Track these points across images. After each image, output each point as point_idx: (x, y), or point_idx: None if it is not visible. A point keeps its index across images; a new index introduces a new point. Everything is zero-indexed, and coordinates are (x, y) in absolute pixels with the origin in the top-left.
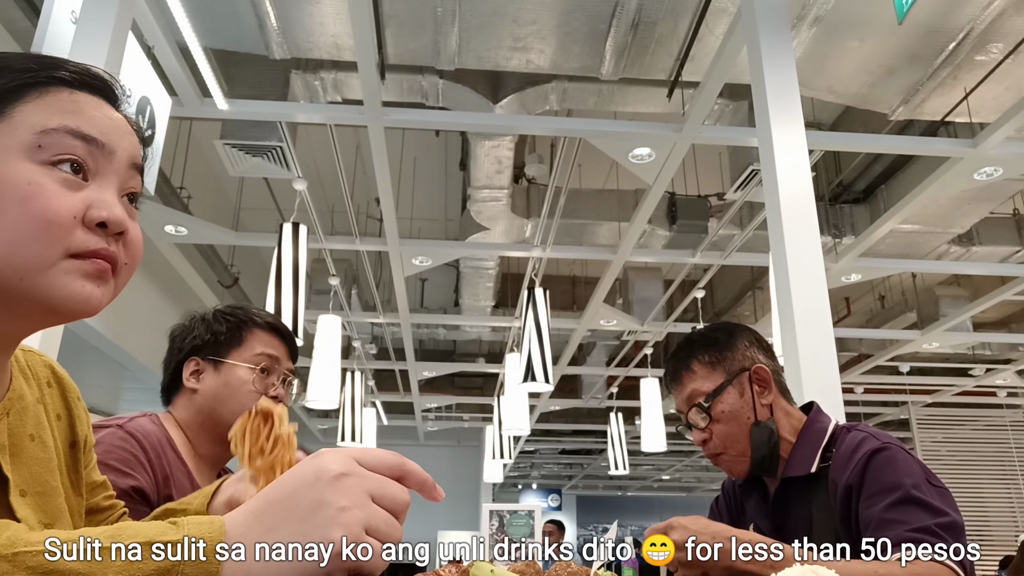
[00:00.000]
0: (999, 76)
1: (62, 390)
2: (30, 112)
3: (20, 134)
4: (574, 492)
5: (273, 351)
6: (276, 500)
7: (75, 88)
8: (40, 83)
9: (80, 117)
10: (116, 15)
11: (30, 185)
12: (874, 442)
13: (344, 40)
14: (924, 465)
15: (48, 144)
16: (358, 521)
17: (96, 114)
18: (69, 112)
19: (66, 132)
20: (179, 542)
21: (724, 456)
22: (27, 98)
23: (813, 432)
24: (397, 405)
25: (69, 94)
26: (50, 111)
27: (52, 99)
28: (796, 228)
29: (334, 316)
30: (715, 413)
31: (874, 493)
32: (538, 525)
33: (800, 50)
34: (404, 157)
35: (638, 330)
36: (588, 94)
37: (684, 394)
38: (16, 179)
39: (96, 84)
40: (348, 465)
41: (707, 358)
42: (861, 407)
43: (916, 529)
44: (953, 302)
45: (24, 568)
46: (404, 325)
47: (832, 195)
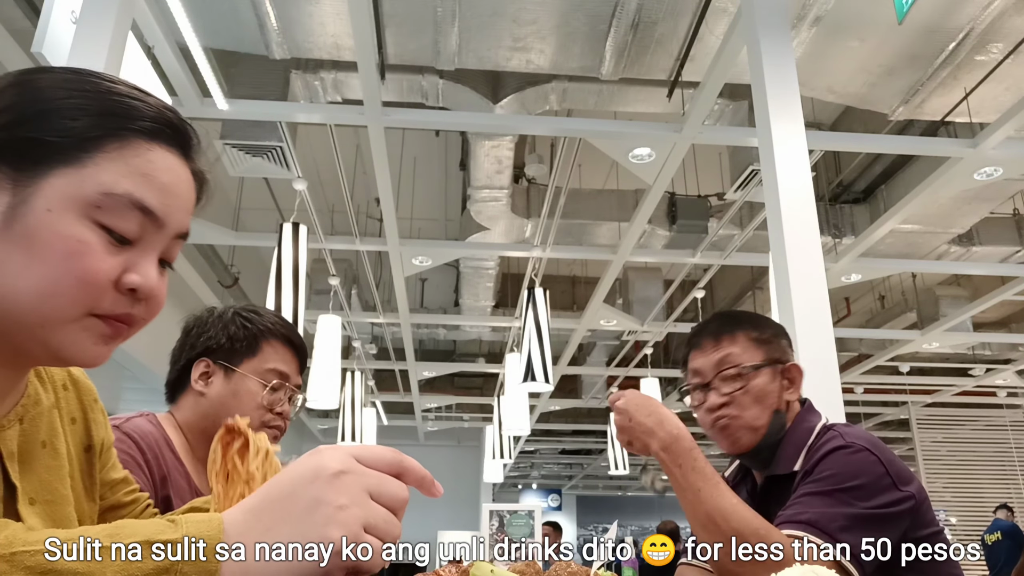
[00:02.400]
0: (999, 76)
1: (78, 393)
2: (103, 167)
3: (86, 189)
4: (574, 492)
5: (285, 367)
6: (274, 498)
7: (153, 139)
8: (121, 133)
9: (148, 184)
10: (116, 15)
11: (79, 243)
12: (839, 440)
13: (344, 40)
14: (896, 468)
15: (109, 207)
16: (357, 519)
17: (165, 178)
18: (140, 174)
19: (130, 202)
20: (179, 541)
21: (734, 425)
22: (105, 148)
23: (800, 431)
24: (397, 405)
25: (146, 148)
26: (122, 170)
27: (128, 153)
28: (796, 228)
29: (334, 316)
30: (749, 385)
31: (808, 481)
32: (538, 525)
33: (800, 50)
34: (404, 157)
35: (638, 330)
36: (588, 94)
37: (716, 356)
38: (68, 232)
39: (174, 134)
40: (346, 462)
41: (754, 335)
42: (861, 407)
43: (800, 521)
44: (953, 302)
45: (22, 568)
46: (404, 325)
47: (832, 195)
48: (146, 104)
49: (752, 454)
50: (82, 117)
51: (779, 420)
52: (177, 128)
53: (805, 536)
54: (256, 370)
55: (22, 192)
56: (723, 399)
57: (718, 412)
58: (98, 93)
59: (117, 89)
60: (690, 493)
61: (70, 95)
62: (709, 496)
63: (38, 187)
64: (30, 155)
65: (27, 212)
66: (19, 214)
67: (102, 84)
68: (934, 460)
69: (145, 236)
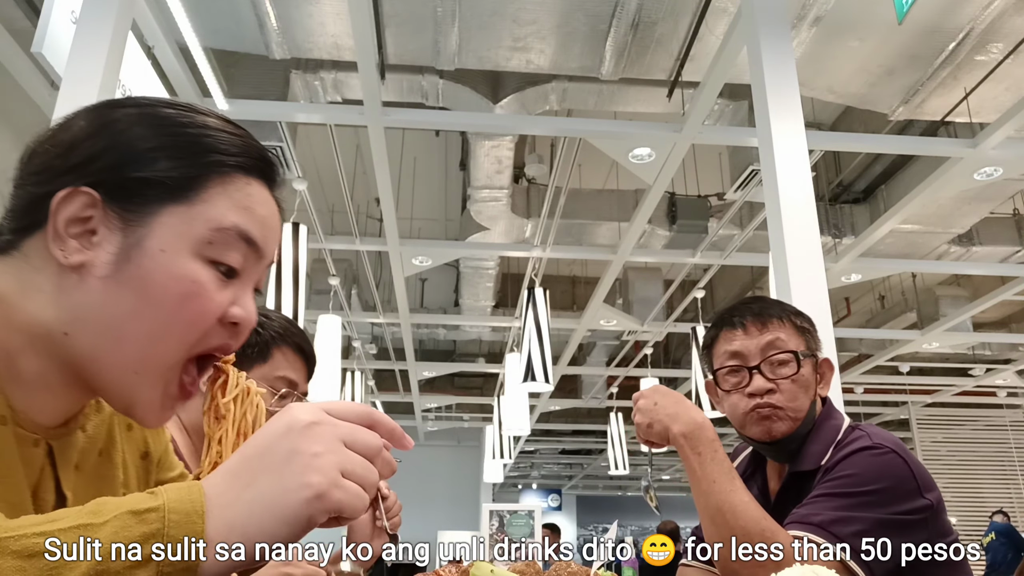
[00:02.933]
0: (999, 76)
1: None
2: (210, 203)
3: (197, 227)
4: (574, 492)
5: (295, 375)
6: (251, 456)
7: (250, 174)
8: (223, 170)
9: (251, 216)
10: (116, 15)
11: (194, 283)
12: (867, 440)
13: (344, 40)
14: (922, 473)
15: (219, 242)
16: (333, 465)
17: (263, 211)
18: (243, 208)
19: (237, 234)
20: (159, 508)
21: (780, 413)
22: (210, 185)
23: (828, 428)
24: (397, 405)
25: (245, 183)
26: (227, 205)
27: (232, 189)
28: (796, 228)
29: (334, 316)
30: (799, 372)
31: (827, 480)
32: (538, 525)
33: (800, 50)
34: (404, 157)
35: (638, 330)
36: (588, 94)
37: (764, 339)
38: (182, 273)
39: (265, 168)
40: (317, 415)
41: (799, 323)
42: (861, 407)
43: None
44: (953, 302)
45: (8, 553)
46: (404, 325)
47: (832, 195)
48: (242, 140)
49: (783, 443)
50: (187, 155)
51: (812, 413)
52: (268, 162)
53: (805, 536)
54: (266, 376)
55: (134, 233)
56: (770, 384)
57: (763, 398)
58: (199, 129)
59: (215, 124)
60: (705, 483)
61: (173, 133)
62: (722, 489)
63: (150, 227)
64: (140, 195)
65: (141, 254)
66: (132, 256)
67: (200, 119)
68: (934, 460)
69: (246, 268)
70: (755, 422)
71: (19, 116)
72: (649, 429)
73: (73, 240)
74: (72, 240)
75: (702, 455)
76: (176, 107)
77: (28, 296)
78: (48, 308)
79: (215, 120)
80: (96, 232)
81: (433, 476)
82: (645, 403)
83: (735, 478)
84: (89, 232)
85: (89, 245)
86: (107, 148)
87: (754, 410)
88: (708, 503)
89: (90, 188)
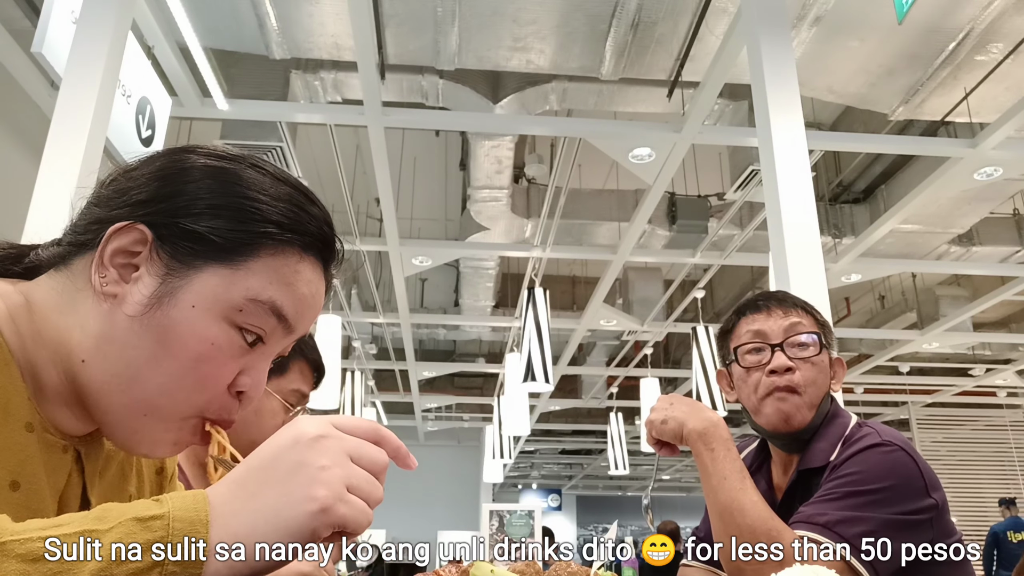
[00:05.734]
0: (999, 76)
1: None
2: (253, 273)
3: (234, 292)
4: (574, 492)
5: (307, 389)
6: (256, 467)
7: (306, 251)
8: (279, 243)
9: (290, 293)
10: (116, 15)
11: (212, 347)
12: (875, 438)
13: (344, 40)
14: (929, 471)
15: (249, 312)
16: (339, 479)
17: (305, 290)
18: (285, 284)
19: (270, 308)
20: (164, 516)
21: (798, 398)
22: (260, 255)
23: (836, 424)
24: (397, 405)
25: (297, 259)
26: (269, 278)
27: (279, 263)
28: (796, 228)
29: (334, 316)
30: (819, 356)
31: (834, 477)
32: (538, 525)
33: (800, 50)
34: (404, 157)
35: (638, 330)
36: (588, 94)
37: (787, 321)
38: (204, 334)
39: (325, 249)
40: (325, 428)
41: (818, 317)
42: (861, 407)
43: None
44: (953, 302)
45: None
46: (404, 325)
47: (832, 195)
48: (311, 217)
49: (796, 434)
50: (244, 220)
51: (826, 404)
52: (331, 245)
53: (806, 535)
54: (281, 390)
55: (172, 282)
56: (790, 363)
57: (784, 376)
58: (266, 196)
59: (287, 195)
60: (716, 479)
61: (238, 194)
62: (732, 487)
63: (190, 280)
64: (189, 246)
65: (172, 303)
66: (164, 303)
67: (273, 187)
68: (934, 460)
69: (273, 339)
70: (772, 404)
71: (19, 116)
72: (663, 426)
73: (114, 270)
74: (113, 270)
75: (715, 451)
76: (259, 169)
77: (63, 314)
78: (75, 331)
79: (291, 190)
80: (138, 269)
81: (433, 476)
82: (661, 403)
83: (746, 477)
84: (132, 267)
85: (128, 280)
86: (172, 193)
87: (772, 391)
88: (718, 500)
89: (146, 227)
